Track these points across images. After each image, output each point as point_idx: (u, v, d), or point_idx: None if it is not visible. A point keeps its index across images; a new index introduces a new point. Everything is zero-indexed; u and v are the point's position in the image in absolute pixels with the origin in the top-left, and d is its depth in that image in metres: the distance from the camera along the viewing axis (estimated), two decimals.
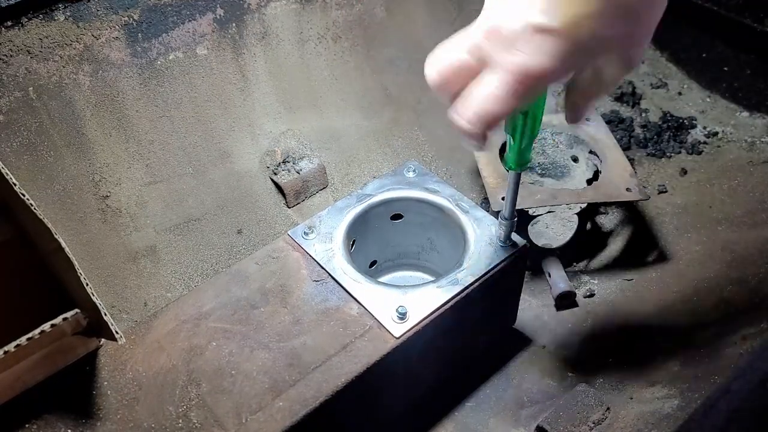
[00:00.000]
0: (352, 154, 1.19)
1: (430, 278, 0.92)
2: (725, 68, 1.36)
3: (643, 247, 1.09)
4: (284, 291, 0.77)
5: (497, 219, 0.86)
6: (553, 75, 0.46)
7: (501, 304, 0.89)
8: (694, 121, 1.33)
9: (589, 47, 0.45)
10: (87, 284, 0.62)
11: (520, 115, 0.62)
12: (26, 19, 0.87)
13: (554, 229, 1.08)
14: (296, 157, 1.11)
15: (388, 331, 0.72)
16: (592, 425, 0.77)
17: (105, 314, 0.62)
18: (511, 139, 0.65)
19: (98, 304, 0.62)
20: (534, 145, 1.15)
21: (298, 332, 0.72)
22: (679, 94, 1.40)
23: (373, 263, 0.98)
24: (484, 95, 0.48)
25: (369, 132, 1.21)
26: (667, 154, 1.28)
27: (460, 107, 0.50)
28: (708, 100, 1.38)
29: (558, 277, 1.00)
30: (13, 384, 0.65)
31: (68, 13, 0.90)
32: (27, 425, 0.65)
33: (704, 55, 1.39)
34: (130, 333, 0.74)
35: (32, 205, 0.64)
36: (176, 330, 0.74)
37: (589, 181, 1.08)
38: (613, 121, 1.33)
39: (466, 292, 0.77)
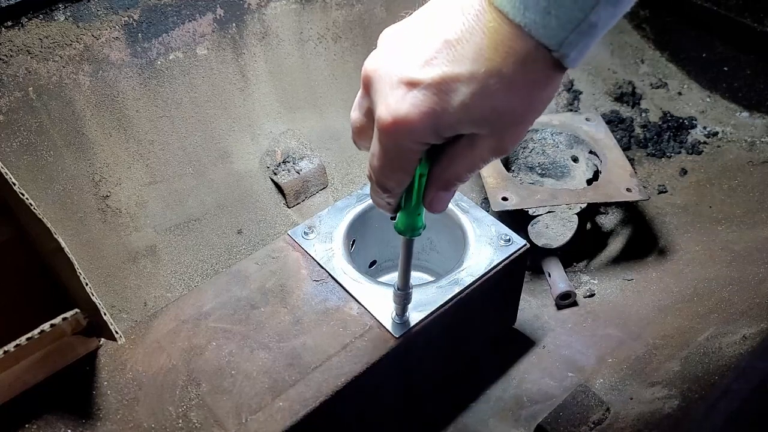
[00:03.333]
0: (352, 154, 1.19)
1: (430, 278, 0.92)
2: (725, 68, 1.36)
3: (643, 247, 1.09)
4: (284, 291, 0.77)
5: (497, 219, 0.86)
6: (414, 129, 0.42)
7: (501, 304, 0.89)
8: (694, 121, 1.33)
9: (456, 113, 0.41)
10: (87, 284, 0.62)
11: (424, 163, 0.50)
12: (26, 19, 0.87)
13: (554, 229, 1.08)
14: (296, 157, 1.11)
15: (388, 331, 0.72)
16: (592, 425, 0.77)
17: (105, 314, 0.62)
18: (402, 201, 0.53)
19: (98, 304, 0.62)
20: (534, 145, 1.15)
21: (298, 332, 0.72)
22: (679, 94, 1.40)
23: (373, 263, 0.98)
24: (370, 154, 0.47)
25: None
26: (667, 154, 1.28)
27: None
28: (708, 100, 1.38)
29: (558, 277, 1.00)
30: (12, 384, 0.65)
31: (68, 13, 0.90)
32: (27, 425, 0.65)
33: (704, 55, 1.39)
34: (130, 333, 0.74)
35: (32, 205, 0.64)
36: (176, 330, 0.74)
37: (589, 181, 1.08)
38: (613, 121, 1.33)
39: (466, 292, 0.77)
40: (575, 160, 1.13)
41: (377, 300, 0.75)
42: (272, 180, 1.10)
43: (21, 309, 0.75)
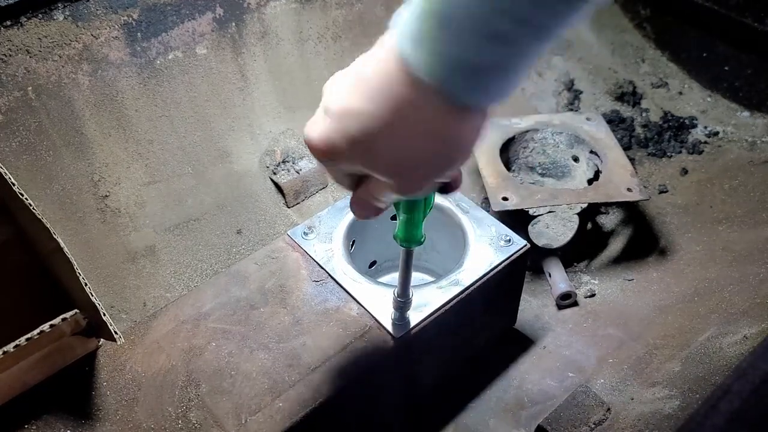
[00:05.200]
0: None
1: (431, 279, 0.92)
2: (726, 68, 1.35)
3: (644, 247, 1.09)
4: (284, 291, 0.77)
5: (498, 219, 0.85)
6: (316, 151, 0.44)
7: (501, 305, 0.89)
8: (694, 121, 1.33)
9: (347, 147, 0.41)
10: (86, 284, 0.62)
11: None
12: (25, 19, 0.87)
13: (555, 229, 1.07)
14: (296, 157, 1.11)
15: (387, 331, 0.72)
16: (593, 426, 0.77)
17: (104, 314, 0.62)
18: (400, 213, 0.56)
19: (97, 305, 0.62)
20: (534, 145, 1.15)
21: (297, 333, 0.72)
22: (680, 93, 1.40)
23: (373, 263, 0.98)
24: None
25: None
26: (668, 153, 1.27)
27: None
28: (709, 99, 1.37)
29: (558, 277, 1.00)
30: (12, 384, 0.65)
31: (67, 13, 0.90)
32: (26, 426, 0.65)
33: (705, 54, 1.39)
34: (130, 333, 0.74)
35: (31, 205, 0.63)
36: (175, 330, 0.74)
37: (590, 181, 1.08)
38: (614, 121, 1.33)
39: (466, 292, 0.76)
40: (576, 159, 1.13)
41: (377, 300, 0.74)
42: (272, 180, 1.10)
43: (20, 309, 0.74)
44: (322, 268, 0.79)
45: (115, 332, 0.63)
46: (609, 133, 1.12)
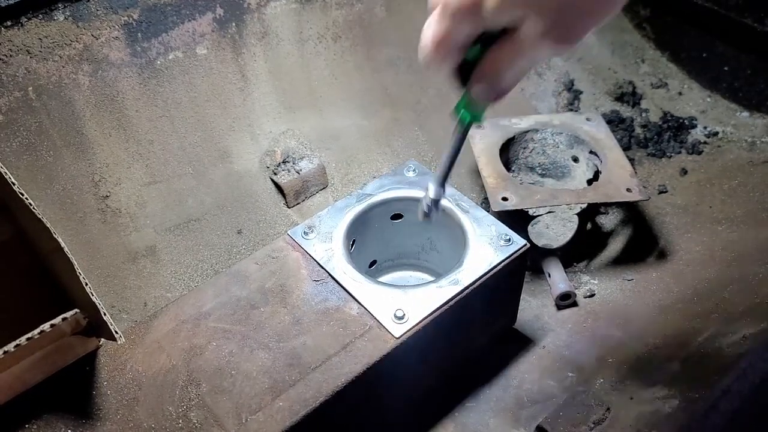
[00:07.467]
0: (352, 154, 1.19)
1: (430, 278, 0.92)
2: (725, 68, 1.36)
3: (644, 247, 1.09)
4: (284, 291, 0.77)
5: (497, 219, 0.86)
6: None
7: (501, 304, 0.89)
8: (694, 121, 1.33)
9: None
10: (86, 284, 0.62)
11: (479, 47, 0.48)
12: (26, 19, 0.87)
13: (554, 229, 1.08)
14: (296, 157, 1.11)
15: (388, 331, 0.72)
16: (592, 425, 0.77)
17: (104, 314, 0.62)
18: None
19: (98, 304, 0.62)
20: (534, 145, 1.15)
21: (297, 332, 0.72)
22: (680, 94, 1.40)
23: (373, 263, 0.98)
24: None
25: (369, 132, 1.21)
26: (668, 154, 1.27)
27: None
28: (708, 100, 1.38)
29: (558, 278, 1.00)
30: (13, 384, 0.65)
31: (68, 13, 0.90)
32: (27, 425, 0.65)
33: (705, 55, 1.39)
34: (130, 333, 0.74)
35: (32, 205, 0.64)
36: (176, 330, 0.74)
37: (590, 181, 1.08)
38: (614, 121, 1.33)
39: (466, 292, 0.76)
40: (575, 160, 1.13)
41: (377, 300, 0.75)
42: (272, 180, 1.10)
43: (20, 309, 0.75)
44: (322, 267, 0.79)
45: (116, 332, 0.64)
46: (609, 134, 1.12)
